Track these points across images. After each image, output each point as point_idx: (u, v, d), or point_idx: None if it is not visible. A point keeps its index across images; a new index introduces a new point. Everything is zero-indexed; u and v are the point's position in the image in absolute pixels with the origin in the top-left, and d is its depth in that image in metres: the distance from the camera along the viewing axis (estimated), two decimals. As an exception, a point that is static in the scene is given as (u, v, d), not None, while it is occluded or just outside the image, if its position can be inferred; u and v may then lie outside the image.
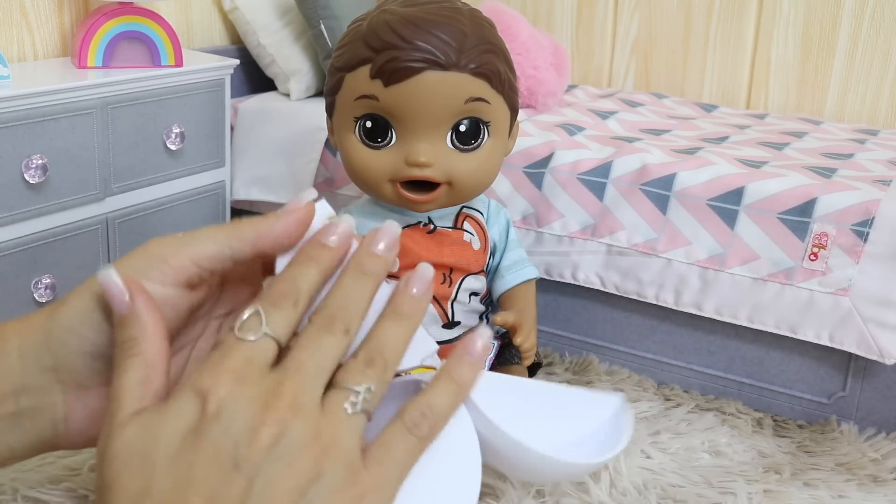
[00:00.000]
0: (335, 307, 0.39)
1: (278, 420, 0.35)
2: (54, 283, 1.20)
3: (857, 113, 1.67)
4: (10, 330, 0.43)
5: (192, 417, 0.35)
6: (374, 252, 0.41)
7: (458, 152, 0.94)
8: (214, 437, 0.35)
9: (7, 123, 1.10)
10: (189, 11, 1.59)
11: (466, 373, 0.40)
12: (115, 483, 0.35)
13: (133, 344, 0.38)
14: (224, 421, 0.35)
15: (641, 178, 1.19)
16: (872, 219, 1.07)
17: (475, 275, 1.02)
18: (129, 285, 0.39)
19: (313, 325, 0.38)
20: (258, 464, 0.35)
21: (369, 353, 0.39)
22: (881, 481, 1.02)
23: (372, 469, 0.37)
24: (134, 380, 0.38)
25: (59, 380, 0.42)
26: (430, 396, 0.39)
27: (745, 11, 1.72)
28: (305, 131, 1.42)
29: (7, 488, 0.86)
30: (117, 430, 0.36)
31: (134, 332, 0.38)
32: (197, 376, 0.37)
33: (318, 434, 0.36)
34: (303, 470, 0.35)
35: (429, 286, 0.41)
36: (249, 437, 0.35)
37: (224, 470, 0.34)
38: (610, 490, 0.96)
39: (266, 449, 0.35)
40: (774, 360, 1.17)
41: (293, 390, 0.36)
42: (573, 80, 1.88)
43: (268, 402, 0.36)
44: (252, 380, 0.36)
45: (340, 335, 0.38)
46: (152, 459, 0.35)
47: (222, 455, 0.35)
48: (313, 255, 0.40)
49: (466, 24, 0.91)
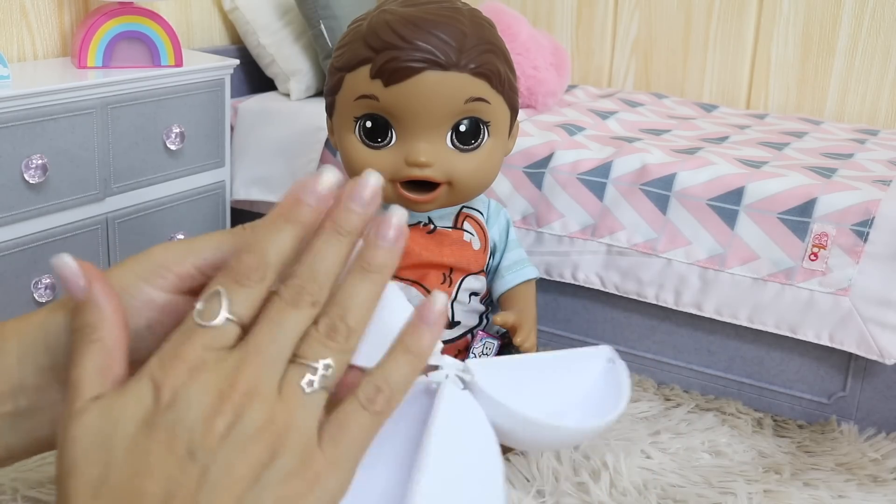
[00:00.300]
0: (305, 277, 0.37)
1: (233, 407, 0.35)
2: (54, 283, 1.20)
3: (857, 113, 1.67)
4: (9, 329, 0.43)
5: (148, 405, 0.35)
6: (353, 208, 0.38)
7: (458, 152, 0.94)
8: (170, 425, 0.35)
9: (7, 123, 1.10)
10: (189, 11, 1.59)
11: (424, 341, 0.38)
12: (74, 469, 0.35)
13: (91, 330, 0.38)
14: (180, 410, 0.35)
15: (641, 178, 1.19)
16: (872, 219, 1.07)
17: (475, 275, 1.02)
18: (85, 271, 0.39)
19: (280, 299, 0.37)
20: (213, 452, 0.35)
21: (331, 319, 0.37)
22: (881, 481, 1.02)
23: (328, 449, 0.36)
24: (92, 367, 0.37)
25: (58, 379, 0.42)
26: (385, 369, 0.38)
27: (745, 11, 1.72)
28: (305, 131, 1.42)
29: (7, 488, 0.86)
30: (76, 416, 0.36)
31: (92, 318, 0.38)
32: (156, 363, 0.36)
33: (273, 418, 0.36)
34: (256, 455, 0.35)
35: (401, 233, 0.39)
36: (205, 426, 0.35)
37: (179, 458, 0.35)
38: (610, 490, 0.96)
39: (221, 437, 0.35)
40: (774, 360, 1.17)
41: (250, 376, 0.36)
42: (573, 80, 1.88)
43: (222, 392, 0.35)
44: (208, 367, 0.36)
45: (307, 309, 0.37)
46: (109, 446, 0.35)
47: (177, 444, 0.35)
48: (289, 215, 0.38)
49: (466, 24, 0.91)
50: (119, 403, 0.36)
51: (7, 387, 0.41)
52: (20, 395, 0.41)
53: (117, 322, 0.39)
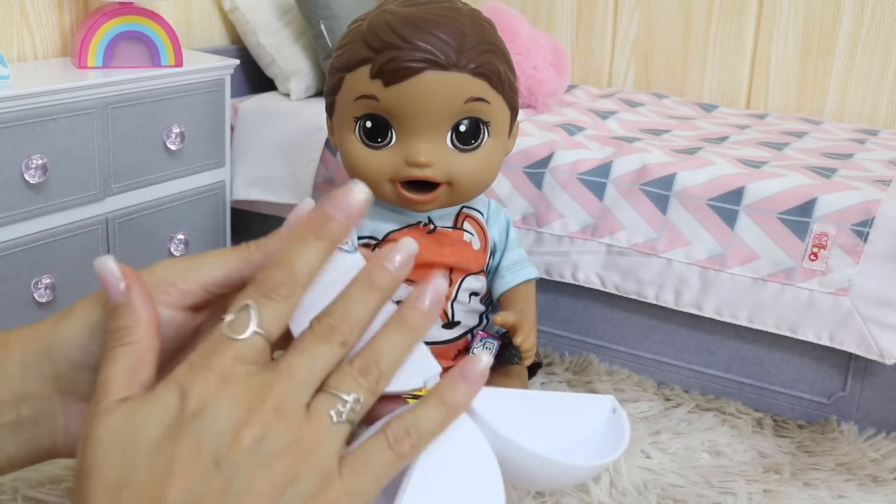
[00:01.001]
0: (338, 317, 0.38)
1: (262, 422, 0.35)
2: (54, 283, 1.20)
3: (857, 113, 1.67)
4: (14, 338, 0.43)
5: (173, 411, 0.36)
6: (388, 267, 0.39)
7: (458, 152, 0.94)
8: (196, 433, 0.35)
9: (7, 123, 1.10)
10: (189, 11, 1.59)
11: (460, 396, 0.39)
12: (95, 470, 0.35)
13: (125, 333, 0.38)
14: (207, 419, 0.35)
15: (641, 178, 1.19)
16: (872, 219, 1.07)
17: (475, 275, 1.02)
18: (125, 274, 0.39)
19: (313, 332, 0.38)
20: (238, 464, 0.35)
21: (365, 361, 0.38)
22: (881, 481, 1.02)
23: (348, 479, 0.37)
24: (122, 369, 0.38)
25: (60, 389, 0.42)
26: (417, 415, 0.39)
27: (745, 11, 1.72)
28: (305, 131, 1.42)
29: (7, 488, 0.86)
30: (100, 417, 0.36)
31: (127, 321, 0.38)
32: (184, 371, 0.37)
33: (299, 439, 0.36)
34: (280, 473, 0.35)
35: (440, 301, 0.40)
36: (232, 437, 0.35)
37: (204, 467, 0.35)
38: (610, 490, 0.96)
39: (247, 450, 0.35)
40: (774, 360, 1.17)
41: (280, 394, 0.36)
42: (573, 80, 1.88)
43: (253, 404, 0.36)
44: (238, 380, 0.36)
45: (337, 346, 0.38)
46: (133, 449, 0.35)
47: (203, 452, 0.35)
48: (318, 231, 0.39)
49: (466, 24, 0.91)
50: (144, 407, 0.36)
51: (10, 395, 0.41)
52: (22, 403, 0.41)
53: (151, 327, 0.39)
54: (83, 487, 0.35)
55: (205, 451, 0.35)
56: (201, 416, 0.35)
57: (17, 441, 0.42)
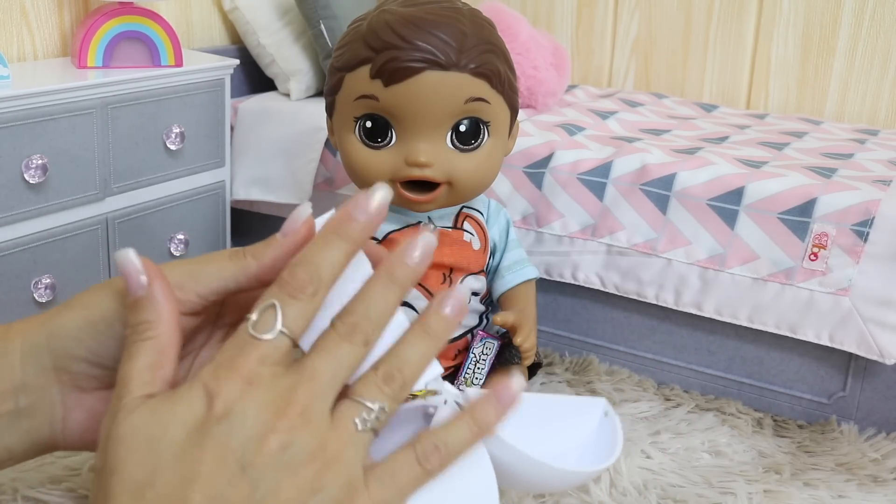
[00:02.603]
0: (360, 315, 0.38)
1: (288, 428, 0.35)
2: (54, 283, 1.20)
3: (857, 113, 1.67)
4: (15, 329, 0.43)
5: (199, 413, 0.35)
6: (408, 263, 0.39)
7: (458, 152, 0.94)
8: (223, 437, 0.35)
9: (7, 123, 1.10)
10: (189, 11, 1.59)
11: (491, 416, 0.40)
12: (119, 467, 0.35)
13: (147, 327, 0.38)
14: (234, 422, 0.35)
15: (641, 178, 1.19)
16: (872, 219, 1.07)
17: (475, 275, 1.02)
18: (147, 268, 0.39)
19: (335, 332, 0.38)
20: (264, 470, 0.35)
21: (390, 368, 0.38)
22: (881, 481, 1.02)
23: (374, 491, 0.37)
24: (144, 363, 0.38)
25: (59, 380, 0.42)
26: (448, 432, 0.39)
27: (745, 11, 1.72)
28: (305, 131, 1.42)
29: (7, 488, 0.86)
30: (124, 413, 0.36)
31: (149, 315, 0.38)
32: (210, 372, 0.36)
33: (325, 446, 0.36)
34: (306, 480, 0.35)
35: (463, 308, 0.40)
36: (258, 442, 0.35)
37: (230, 471, 0.34)
38: (610, 490, 0.96)
39: (274, 456, 0.35)
40: (774, 360, 1.17)
41: (305, 398, 0.36)
42: (573, 80, 1.88)
43: (279, 409, 0.35)
44: (264, 383, 0.36)
45: (360, 346, 0.38)
46: (158, 449, 0.35)
47: (229, 456, 0.35)
48: (341, 231, 0.39)
49: (466, 24, 0.91)
50: (169, 407, 0.36)
51: (9, 385, 0.41)
52: (21, 394, 0.42)
53: (173, 322, 0.39)
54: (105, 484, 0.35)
55: (231, 456, 0.34)
56: (227, 420, 0.35)
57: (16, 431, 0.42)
